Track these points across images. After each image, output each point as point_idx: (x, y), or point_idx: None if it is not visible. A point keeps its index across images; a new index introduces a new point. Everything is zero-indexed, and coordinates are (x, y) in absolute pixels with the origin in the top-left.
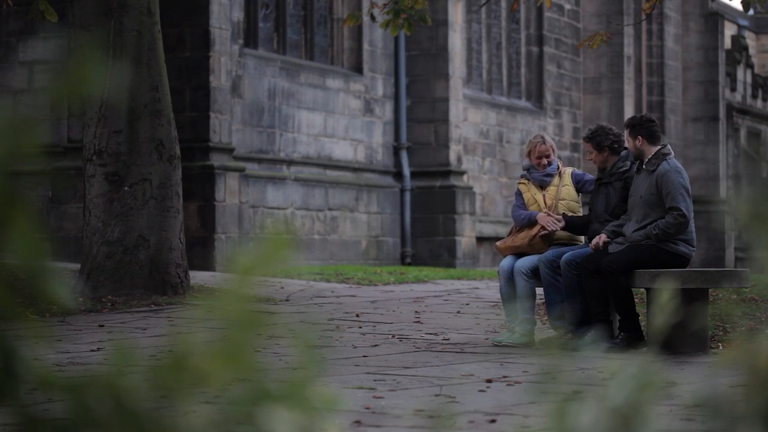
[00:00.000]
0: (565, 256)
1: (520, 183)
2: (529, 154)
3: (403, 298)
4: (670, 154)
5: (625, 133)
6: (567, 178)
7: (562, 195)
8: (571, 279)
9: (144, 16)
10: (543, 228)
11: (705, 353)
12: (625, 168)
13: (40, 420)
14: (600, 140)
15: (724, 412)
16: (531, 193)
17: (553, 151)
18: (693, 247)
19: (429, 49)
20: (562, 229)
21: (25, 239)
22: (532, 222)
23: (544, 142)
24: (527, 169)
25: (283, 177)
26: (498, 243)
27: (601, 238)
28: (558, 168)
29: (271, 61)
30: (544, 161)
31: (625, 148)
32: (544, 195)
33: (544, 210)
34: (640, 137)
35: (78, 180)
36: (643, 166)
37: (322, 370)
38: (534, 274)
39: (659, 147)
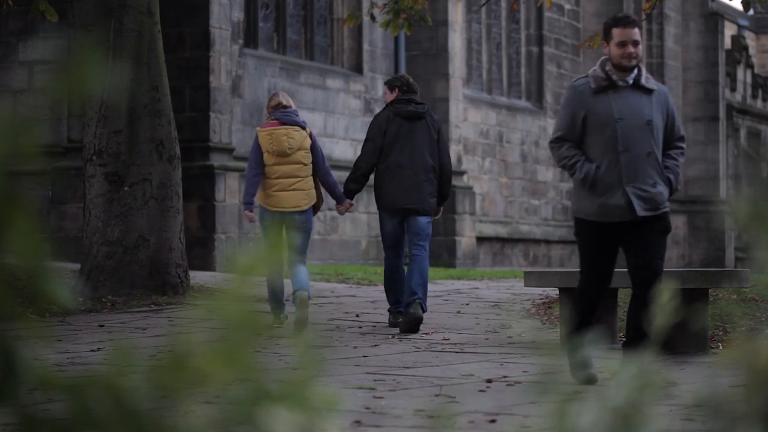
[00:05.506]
0: None
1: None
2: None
3: None
4: None
5: (634, 32)
6: None
7: None
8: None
9: (144, 16)
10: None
11: (705, 353)
12: None
13: (40, 420)
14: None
15: (724, 412)
16: None
17: None
18: None
19: (429, 49)
20: None
21: (25, 239)
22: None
23: None
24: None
25: None
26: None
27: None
28: None
29: (271, 61)
30: None
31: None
32: None
33: None
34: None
35: (78, 180)
36: (641, 82)
37: (322, 370)
38: None
39: None
